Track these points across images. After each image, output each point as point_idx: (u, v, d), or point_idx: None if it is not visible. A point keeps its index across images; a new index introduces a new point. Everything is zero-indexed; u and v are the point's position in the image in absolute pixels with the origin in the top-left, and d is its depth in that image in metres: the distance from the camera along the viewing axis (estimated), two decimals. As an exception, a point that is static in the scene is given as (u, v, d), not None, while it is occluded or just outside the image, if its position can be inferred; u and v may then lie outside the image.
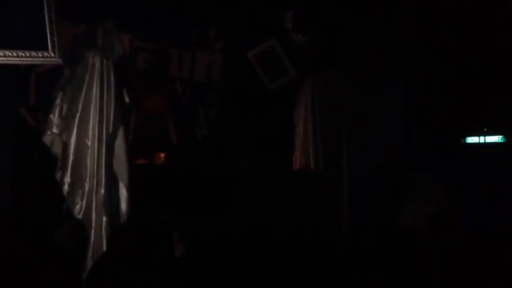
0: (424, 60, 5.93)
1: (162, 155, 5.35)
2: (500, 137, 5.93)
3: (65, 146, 3.76)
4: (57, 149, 3.83)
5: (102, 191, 3.71)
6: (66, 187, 3.74)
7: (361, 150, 5.38)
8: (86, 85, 3.71)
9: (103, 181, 3.72)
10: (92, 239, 3.65)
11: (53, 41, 3.18)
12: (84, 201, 3.73)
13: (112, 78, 3.74)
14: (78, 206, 3.72)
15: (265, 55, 5.72)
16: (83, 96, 3.71)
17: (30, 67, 4.45)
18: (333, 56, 5.70)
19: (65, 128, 3.74)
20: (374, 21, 5.68)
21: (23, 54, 3.15)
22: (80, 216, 3.69)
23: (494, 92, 5.86)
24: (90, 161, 3.72)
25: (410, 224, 4.40)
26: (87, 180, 3.73)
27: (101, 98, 3.71)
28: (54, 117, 3.76)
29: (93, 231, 3.69)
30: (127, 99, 3.94)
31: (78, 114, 3.71)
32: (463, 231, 3.32)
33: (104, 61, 3.72)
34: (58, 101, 3.77)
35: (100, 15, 4.30)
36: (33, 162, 4.35)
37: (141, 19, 5.35)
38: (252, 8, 5.65)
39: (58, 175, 3.77)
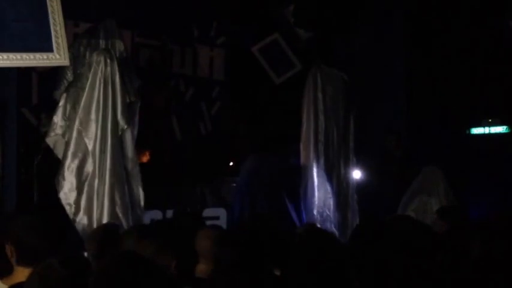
0: (426, 52, 5.90)
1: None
2: (505, 127, 5.91)
3: (68, 146, 3.72)
4: (60, 150, 3.79)
5: (106, 191, 3.68)
6: (68, 187, 3.71)
7: (366, 144, 5.37)
8: (89, 85, 3.67)
9: (107, 181, 3.69)
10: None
11: (57, 43, 3.14)
12: (86, 201, 3.70)
13: (116, 77, 3.69)
14: (82, 206, 3.69)
15: (269, 49, 5.68)
16: (86, 96, 3.67)
17: (32, 67, 4.40)
18: (334, 51, 5.68)
19: (68, 128, 3.70)
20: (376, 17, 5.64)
21: (27, 57, 3.10)
22: (82, 216, 3.67)
23: (499, 82, 5.83)
24: (93, 161, 3.68)
25: (416, 217, 4.38)
26: (90, 180, 3.70)
27: (105, 97, 3.67)
28: (58, 119, 3.71)
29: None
30: (132, 98, 3.90)
31: (82, 114, 3.67)
32: (474, 223, 3.31)
33: (108, 61, 3.67)
34: (62, 103, 3.72)
35: (101, 14, 4.25)
36: (36, 162, 4.33)
37: (142, 16, 5.29)
38: (253, 3, 5.60)
39: (60, 175, 3.73)
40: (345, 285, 2.29)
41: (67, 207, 3.62)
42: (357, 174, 5.12)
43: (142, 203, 3.75)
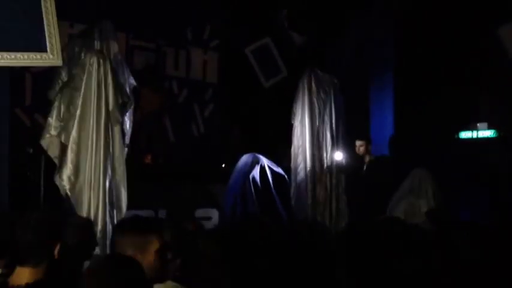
0: (416, 57, 5.99)
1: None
2: (493, 131, 6.02)
3: (64, 147, 3.74)
4: (54, 151, 3.81)
5: (101, 191, 3.71)
6: (65, 187, 3.73)
7: (355, 147, 5.46)
8: (83, 86, 3.70)
9: (101, 181, 3.72)
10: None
11: (51, 43, 3.16)
12: (84, 200, 3.73)
13: (110, 78, 3.73)
14: (78, 206, 3.71)
15: (260, 53, 5.76)
16: (81, 97, 3.69)
17: (25, 67, 4.42)
18: (325, 55, 5.77)
19: (63, 129, 3.72)
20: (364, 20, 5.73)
21: (21, 57, 3.12)
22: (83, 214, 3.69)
23: (487, 87, 5.94)
24: (89, 161, 3.71)
25: (405, 219, 4.44)
26: (87, 180, 3.72)
27: (99, 98, 3.70)
28: (52, 119, 3.74)
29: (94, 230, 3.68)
30: (125, 99, 3.93)
31: (77, 115, 3.69)
32: (463, 225, 3.37)
33: (101, 61, 3.70)
34: (56, 103, 3.75)
35: (96, 15, 4.28)
36: (29, 163, 4.33)
37: (136, 18, 5.34)
38: (247, 6, 5.66)
39: (57, 176, 3.75)
40: (334, 284, 2.34)
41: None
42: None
43: (124, 203, 3.77)
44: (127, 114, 4.15)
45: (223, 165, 5.62)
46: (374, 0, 6.15)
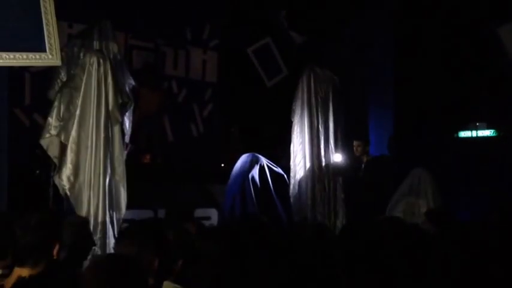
0: (415, 57, 6.01)
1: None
2: (492, 131, 6.03)
3: (63, 146, 3.75)
4: (54, 151, 3.81)
5: (101, 190, 3.71)
6: (65, 187, 3.73)
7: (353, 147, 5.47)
8: (83, 86, 3.70)
9: (101, 181, 3.72)
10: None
11: (50, 43, 3.16)
12: (83, 200, 3.73)
13: (109, 78, 3.73)
14: (78, 206, 3.71)
15: (261, 53, 5.78)
16: (81, 97, 3.70)
17: (24, 67, 4.42)
18: (325, 54, 5.78)
19: (63, 128, 3.73)
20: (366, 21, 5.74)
21: (20, 56, 3.12)
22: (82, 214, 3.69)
23: (486, 87, 5.95)
24: (88, 160, 3.71)
25: (404, 218, 4.45)
26: (86, 180, 3.72)
27: (99, 98, 3.70)
28: (52, 119, 3.74)
29: (93, 229, 3.68)
30: (124, 99, 3.93)
31: (77, 115, 3.70)
32: (463, 225, 3.38)
33: (101, 61, 3.70)
34: (56, 103, 3.75)
35: (95, 15, 4.28)
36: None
37: (135, 18, 5.34)
38: (247, 6, 5.68)
39: (57, 175, 3.75)
40: (334, 284, 2.34)
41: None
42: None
43: (123, 203, 3.77)
44: (126, 114, 4.15)
45: (222, 165, 5.62)
46: (374, 0, 6.16)
